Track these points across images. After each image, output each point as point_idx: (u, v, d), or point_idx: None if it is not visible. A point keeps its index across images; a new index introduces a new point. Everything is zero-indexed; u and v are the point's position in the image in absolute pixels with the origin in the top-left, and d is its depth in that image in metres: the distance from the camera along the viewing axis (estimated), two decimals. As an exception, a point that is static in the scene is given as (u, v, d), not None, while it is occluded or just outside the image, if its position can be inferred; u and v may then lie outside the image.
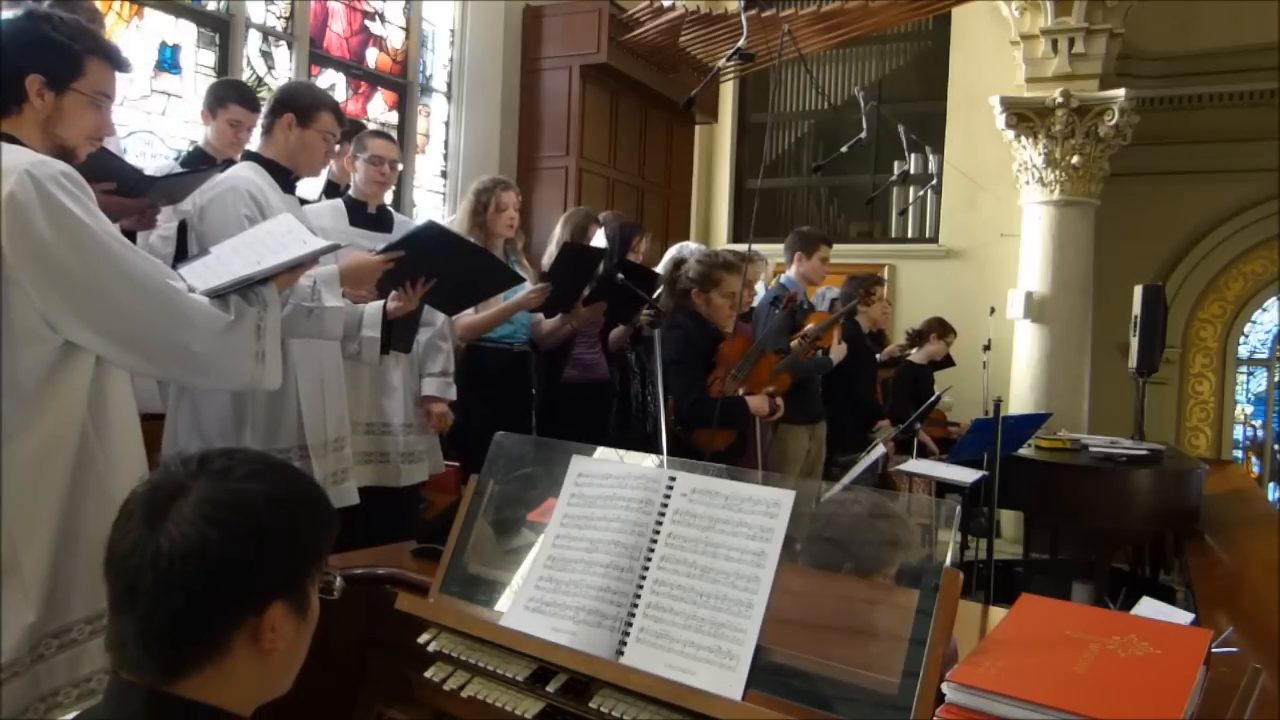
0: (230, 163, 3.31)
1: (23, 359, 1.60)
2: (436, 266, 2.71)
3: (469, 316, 3.56)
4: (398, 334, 2.88)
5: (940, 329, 5.68)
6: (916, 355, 5.64)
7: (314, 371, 2.62)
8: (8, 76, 1.67)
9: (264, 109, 2.64)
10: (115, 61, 1.79)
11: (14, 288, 1.58)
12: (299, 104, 2.57)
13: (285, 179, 2.60)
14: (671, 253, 4.51)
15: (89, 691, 1.65)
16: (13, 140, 1.66)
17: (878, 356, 5.57)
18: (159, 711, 0.92)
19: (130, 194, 2.37)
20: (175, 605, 0.91)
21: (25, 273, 1.57)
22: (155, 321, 1.71)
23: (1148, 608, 1.72)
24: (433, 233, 2.82)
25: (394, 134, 4.11)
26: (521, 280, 3.41)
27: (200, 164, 3.24)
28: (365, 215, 3.16)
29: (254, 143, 2.72)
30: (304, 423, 2.58)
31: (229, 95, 3.34)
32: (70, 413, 1.66)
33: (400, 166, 3.28)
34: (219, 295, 1.82)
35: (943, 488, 4.25)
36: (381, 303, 2.73)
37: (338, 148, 2.91)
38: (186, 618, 0.91)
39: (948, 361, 5.82)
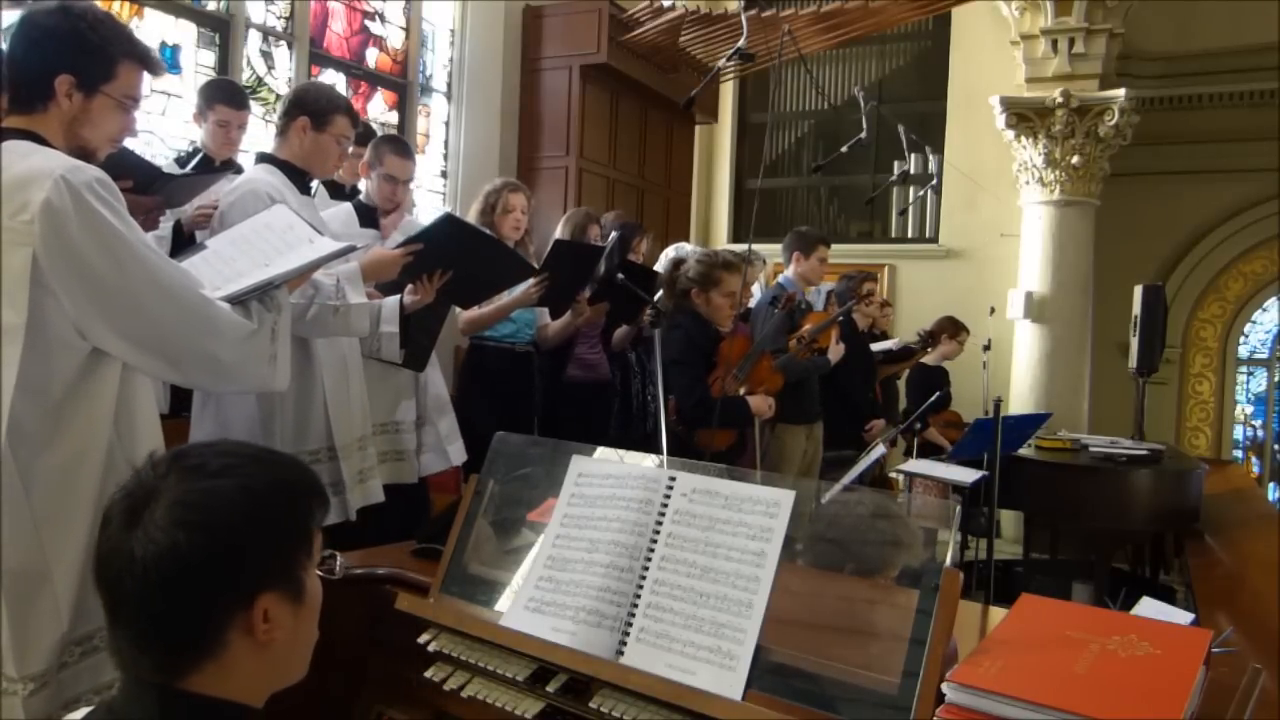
0: (229, 163, 3.32)
1: (54, 367, 1.60)
2: (453, 259, 2.73)
3: (471, 311, 3.56)
4: (410, 348, 2.88)
5: (952, 328, 5.64)
6: (930, 357, 5.61)
7: (339, 371, 2.62)
8: (37, 74, 1.66)
9: (279, 110, 2.64)
10: (147, 64, 1.77)
11: (47, 295, 1.57)
12: (313, 107, 2.57)
13: (301, 180, 2.60)
14: (669, 253, 4.51)
15: (105, 701, 1.65)
16: (36, 138, 1.65)
17: (890, 345, 5.56)
18: (171, 707, 0.93)
19: (145, 191, 2.37)
20: (157, 610, 0.91)
21: (59, 280, 1.57)
22: (186, 330, 1.71)
23: (1148, 608, 1.72)
24: (449, 225, 2.84)
25: (408, 142, 4.10)
26: (539, 273, 3.42)
27: (201, 165, 3.24)
28: (374, 219, 3.18)
29: (270, 144, 2.72)
30: (331, 423, 2.58)
31: (215, 96, 3.34)
32: (98, 421, 1.66)
33: (413, 184, 3.29)
34: (239, 301, 1.81)
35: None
36: (398, 297, 2.74)
37: (351, 149, 2.91)
38: (171, 621, 0.91)
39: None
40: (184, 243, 2.84)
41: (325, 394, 2.57)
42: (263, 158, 2.65)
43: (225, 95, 3.35)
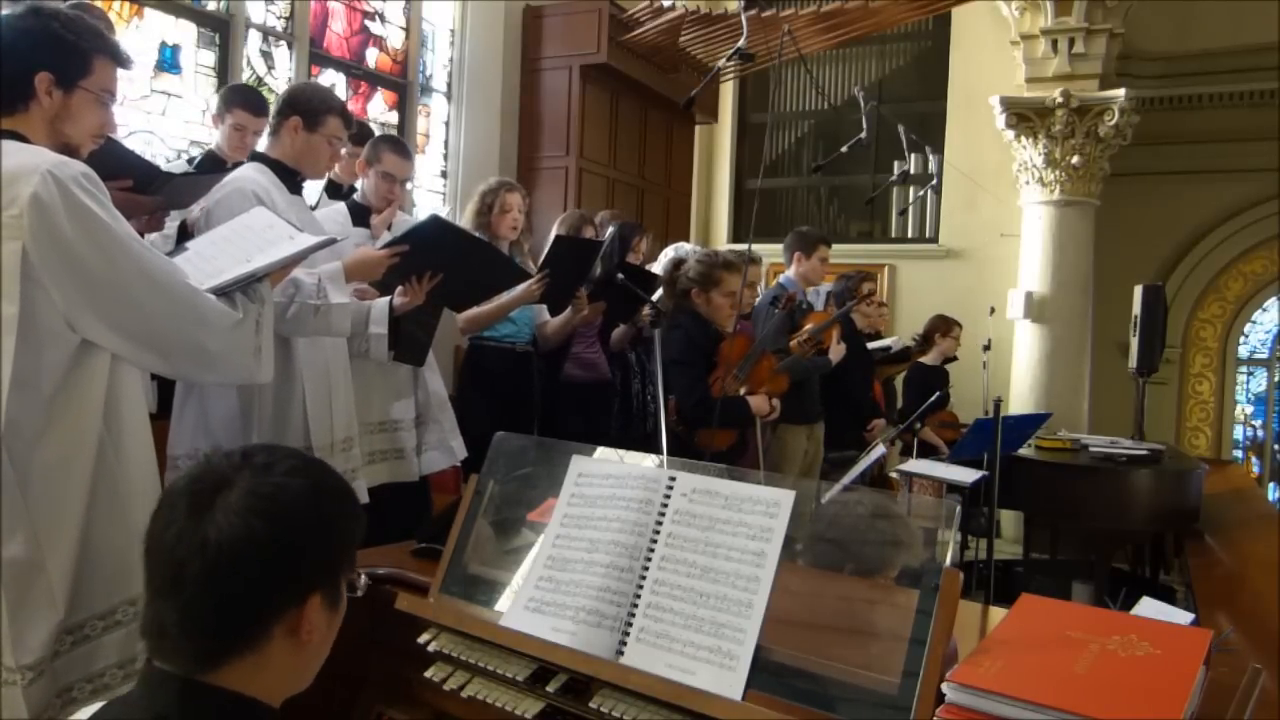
0: (238, 165, 3.32)
1: (44, 360, 1.62)
2: (442, 261, 2.72)
3: (470, 309, 3.56)
4: (407, 344, 2.88)
5: (943, 326, 5.65)
6: (929, 356, 5.62)
7: (320, 372, 2.62)
8: (16, 74, 1.68)
9: (272, 109, 2.63)
10: (120, 59, 1.80)
11: (37, 288, 1.59)
12: (306, 107, 2.57)
13: (292, 180, 2.60)
14: (668, 253, 4.51)
15: (103, 686, 1.67)
16: (19, 138, 1.67)
17: (888, 343, 5.56)
18: (192, 699, 0.93)
19: (145, 190, 2.37)
20: (221, 595, 0.92)
21: (49, 272, 1.59)
22: (174, 320, 1.74)
23: (1148, 608, 1.72)
24: (437, 226, 2.83)
25: (407, 142, 4.09)
26: (529, 276, 3.41)
27: (212, 167, 3.25)
28: (368, 218, 3.16)
29: (261, 143, 2.71)
30: (310, 423, 2.58)
31: (234, 100, 3.36)
32: (89, 413, 1.68)
33: (411, 184, 3.27)
34: (223, 293, 1.84)
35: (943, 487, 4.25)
36: (388, 299, 2.74)
37: (344, 151, 2.91)
38: (231, 607, 0.93)
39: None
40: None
41: (305, 393, 2.56)
42: (254, 156, 2.65)
43: (244, 101, 3.37)
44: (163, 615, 0.94)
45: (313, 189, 3.70)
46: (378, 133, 4.01)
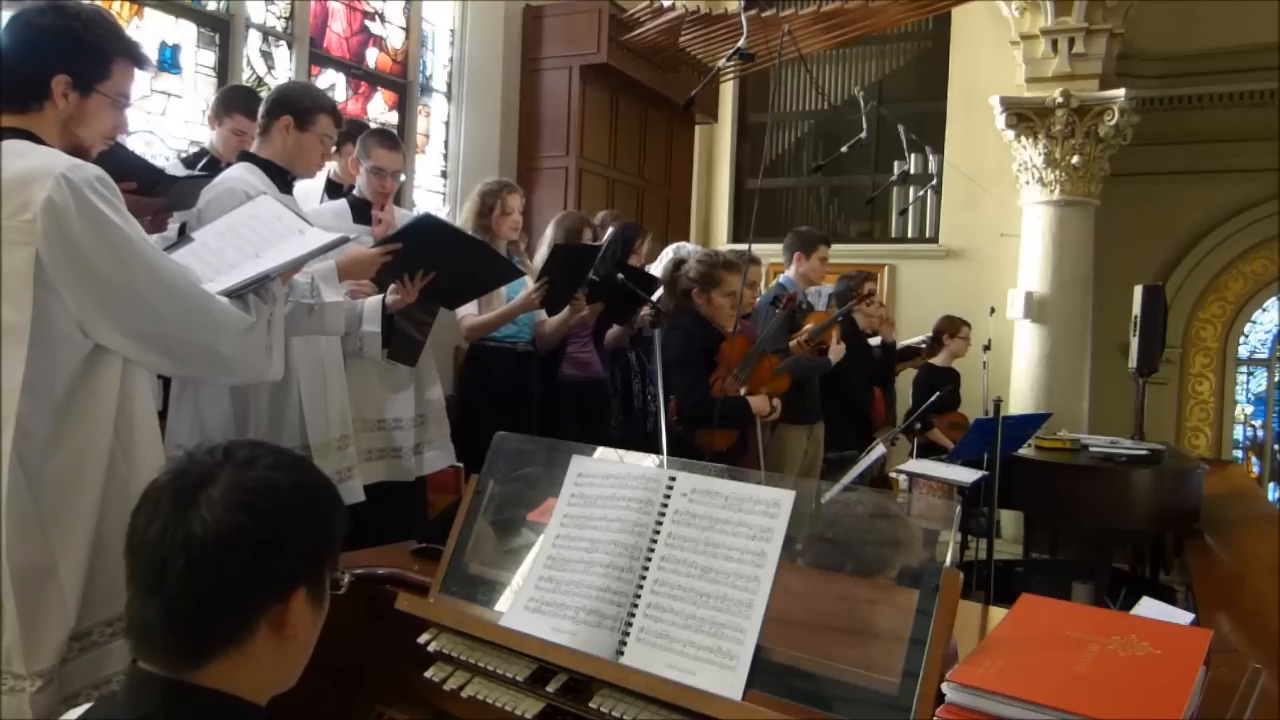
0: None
1: (57, 365, 1.61)
2: (435, 259, 2.72)
3: (473, 317, 3.56)
4: (401, 343, 2.88)
5: (951, 327, 5.66)
6: (939, 357, 5.62)
7: (315, 370, 2.62)
8: (34, 74, 1.67)
9: (261, 109, 2.62)
10: (138, 61, 1.79)
11: (49, 293, 1.58)
12: (296, 106, 2.57)
13: (282, 179, 2.60)
14: (668, 253, 4.51)
15: (109, 694, 1.65)
16: (32, 138, 1.66)
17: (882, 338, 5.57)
18: (177, 700, 0.93)
19: (149, 193, 2.37)
20: (206, 588, 0.92)
21: (62, 277, 1.58)
22: (188, 325, 1.73)
23: (1148, 608, 1.72)
24: (429, 224, 2.83)
25: (397, 134, 4.08)
26: (522, 274, 3.41)
27: (208, 167, 3.24)
28: (369, 214, 3.16)
29: (252, 143, 2.71)
30: (306, 422, 2.58)
31: (235, 105, 3.31)
32: (101, 418, 1.67)
33: (403, 176, 3.26)
34: (236, 294, 1.83)
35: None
36: (381, 297, 2.74)
37: (334, 149, 2.90)
38: (216, 600, 0.93)
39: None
40: None
41: (300, 392, 2.56)
42: (244, 156, 2.64)
43: (245, 106, 3.32)
44: (147, 612, 0.93)
45: (314, 191, 3.70)
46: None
